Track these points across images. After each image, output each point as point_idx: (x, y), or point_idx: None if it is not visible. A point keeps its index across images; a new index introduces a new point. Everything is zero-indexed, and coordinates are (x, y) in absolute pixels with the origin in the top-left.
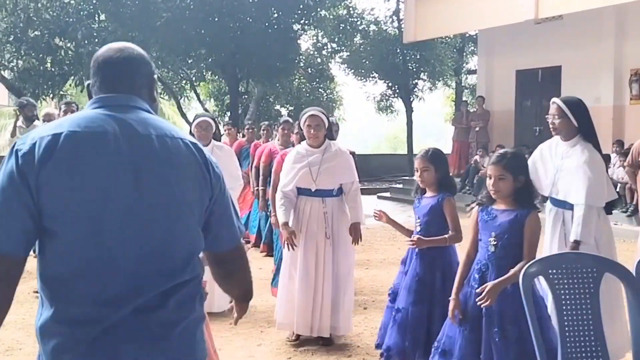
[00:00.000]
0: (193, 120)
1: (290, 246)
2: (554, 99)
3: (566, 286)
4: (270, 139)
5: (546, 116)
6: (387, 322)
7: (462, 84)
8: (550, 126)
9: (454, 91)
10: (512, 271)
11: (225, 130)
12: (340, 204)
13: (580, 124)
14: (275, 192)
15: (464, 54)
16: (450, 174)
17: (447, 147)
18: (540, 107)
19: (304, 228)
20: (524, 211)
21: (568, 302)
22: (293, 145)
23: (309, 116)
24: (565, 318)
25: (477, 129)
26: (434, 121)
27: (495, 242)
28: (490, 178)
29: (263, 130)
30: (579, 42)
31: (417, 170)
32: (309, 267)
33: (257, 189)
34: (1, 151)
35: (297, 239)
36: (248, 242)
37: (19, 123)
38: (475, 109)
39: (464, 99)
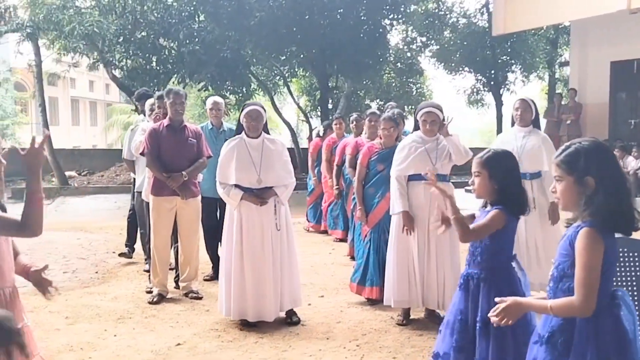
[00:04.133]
0: (242, 109)
1: (408, 232)
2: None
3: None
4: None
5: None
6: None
7: (556, 76)
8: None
9: (548, 83)
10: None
11: (335, 124)
12: (450, 189)
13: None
14: (359, 184)
15: (558, 45)
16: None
17: None
18: (636, 100)
19: (418, 211)
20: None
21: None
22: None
23: (426, 112)
24: None
25: (568, 122)
26: None
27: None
28: None
29: (352, 123)
30: None
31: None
32: (420, 247)
33: (338, 188)
34: (113, 145)
35: (414, 224)
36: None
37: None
38: (567, 102)
39: (557, 91)
